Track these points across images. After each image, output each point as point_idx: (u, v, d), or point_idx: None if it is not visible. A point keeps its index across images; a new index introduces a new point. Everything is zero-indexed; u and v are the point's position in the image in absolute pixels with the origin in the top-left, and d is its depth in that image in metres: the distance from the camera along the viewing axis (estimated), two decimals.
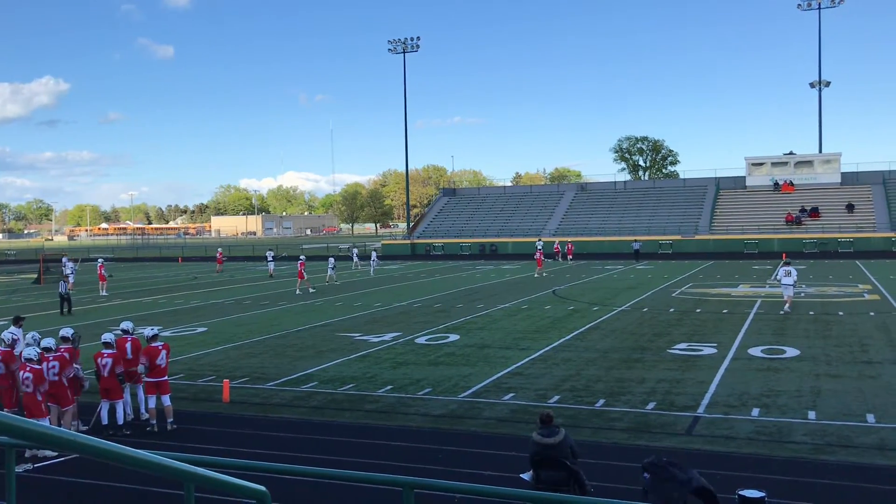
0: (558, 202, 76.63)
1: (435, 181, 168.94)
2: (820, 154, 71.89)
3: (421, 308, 29.00)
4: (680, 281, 38.00)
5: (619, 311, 26.63)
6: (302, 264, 37.70)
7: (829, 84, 77.25)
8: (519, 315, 26.13)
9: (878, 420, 12.29)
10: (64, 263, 48.31)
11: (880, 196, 64.99)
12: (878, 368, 16.15)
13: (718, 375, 15.84)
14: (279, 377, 16.77)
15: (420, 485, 4.21)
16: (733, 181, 72.63)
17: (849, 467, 10.23)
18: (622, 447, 11.34)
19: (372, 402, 14.40)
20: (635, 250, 58.34)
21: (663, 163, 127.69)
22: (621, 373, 16.36)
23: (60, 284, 30.79)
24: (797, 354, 17.85)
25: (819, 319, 23.40)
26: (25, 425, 2.75)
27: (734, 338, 20.33)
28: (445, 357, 18.66)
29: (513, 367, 17.17)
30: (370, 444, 11.78)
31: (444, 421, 13.07)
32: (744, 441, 11.47)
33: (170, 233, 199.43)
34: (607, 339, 20.62)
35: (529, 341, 20.58)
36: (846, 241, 59.01)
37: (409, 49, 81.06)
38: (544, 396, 14.43)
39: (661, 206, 71.40)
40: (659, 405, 13.61)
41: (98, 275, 39.43)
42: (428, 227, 78.08)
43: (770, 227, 63.66)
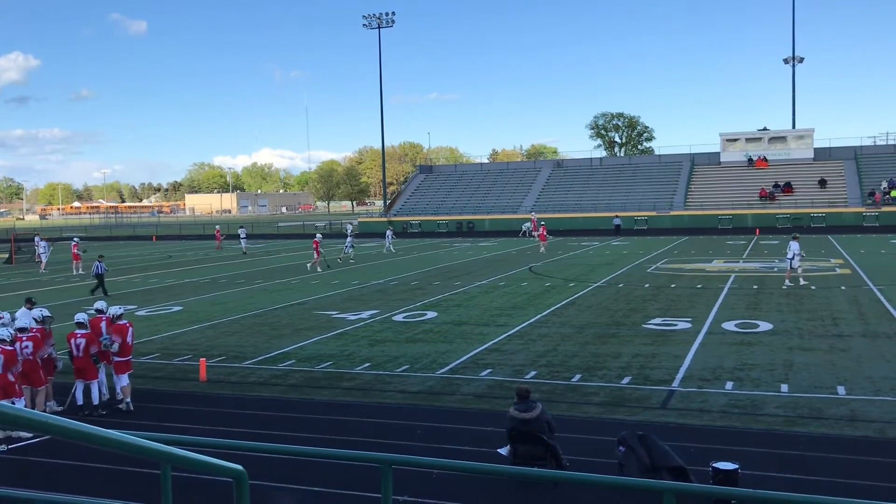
0: (535, 179, 76.71)
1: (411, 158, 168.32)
2: (793, 130, 72.47)
3: (398, 286, 29.00)
4: (655, 257, 38.29)
5: (595, 287, 26.81)
6: (316, 242, 36.96)
7: (802, 60, 77.71)
8: (496, 292, 26.22)
9: (848, 392, 12.52)
10: (37, 243, 47.75)
11: (852, 171, 65.74)
12: (848, 342, 16.43)
13: (693, 350, 16.03)
14: (256, 356, 16.72)
15: (398, 461, 4.22)
16: (708, 157, 73.08)
17: (820, 438, 10.42)
18: (598, 421, 11.46)
19: (350, 380, 14.42)
20: (616, 226, 58.75)
21: (639, 139, 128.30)
22: (597, 348, 16.51)
23: (95, 266, 28.78)
24: (770, 328, 18.10)
25: (792, 294, 23.72)
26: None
27: (708, 312, 20.56)
28: (423, 334, 18.70)
29: (490, 344, 17.25)
30: (348, 422, 11.81)
31: (421, 397, 13.12)
32: (717, 414, 11.64)
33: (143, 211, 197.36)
34: (583, 315, 20.76)
35: (506, 318, 20.68)
36: (818, 216, 59.72)
37: (384, 24, 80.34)
38: (521, 372, 14.53)
39: (637, 183, 71.72)
40: (634, 379, 13.76)
41: (72, 254, 38.90)
42: (405, 204, 77.89)
43: (744, 202, 64.22)
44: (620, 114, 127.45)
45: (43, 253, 40.62)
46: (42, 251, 40.60)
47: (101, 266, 28.61)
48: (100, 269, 28.55)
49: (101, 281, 28.62)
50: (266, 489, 8.95)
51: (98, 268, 28.58)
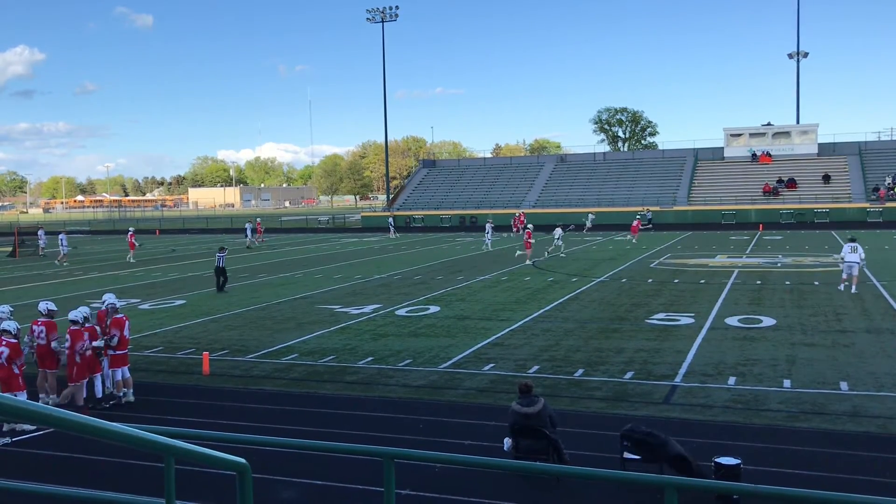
0: (538, 174, 76.62)
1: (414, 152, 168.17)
2: (797, 125, 72.30)
3: (401, 280, 29.01)
4: (658, 252, 38.25)
5: (597, 281, 26.79)
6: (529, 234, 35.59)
7: (807, 55, 77.53)
8: (499, 286, 26.22)
9: (851, 388, 12.51)
10: (40, 236, 47.84)
11: (856, 167, 65.57)
12: (851, 337, 16.41)
13: (696, 345, 16.02)
14: (259, 349, 16.75)
15: (400, 455, 4.23)
16: (711, 152, 72.93)
17: (822, 434, 10.41)
18: (601, 416, 11.47)
19: (352, 374, 14.44)
20: (648, 220, 57.88)
21: (642, 134, 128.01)
22: (600, 343, 16.50)
23: (218, 258, 26.82)
24: (773, 324, 18.08)
25: (795, 289, 23.68)
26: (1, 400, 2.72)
27: (711, 308, 20.54)
28: (426, 328, 18.71)
29: (493, 338, 17.26)
30: (351, 416, 11.83)
31: (424, 392, 13.14)
32: (720, 409, 11.64)
33: (147, 205, 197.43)
34: (586, 310, 20.76)
35: (509, 312, 20.68)
36: (822, 212, 59.60)
37: (388, 18, 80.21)
38: (524, 367, 14.54)
39: (641, 178, 71.59)
40: (637, 374, 13.76)
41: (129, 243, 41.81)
42: (408, 199, 77.87)
43: (747, 197, 64.11)
44: (624, 109, 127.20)
45: (63, 247, 41.39)
46: (62, 245, 41.41)
47: (222, 258, 26.79)
48: (221, 261, 26.72)
49: (222, 274, 26.71)
50: (269, 482, 8.97)
51: (220, 260, 26.73)
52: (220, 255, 26.82)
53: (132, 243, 41.69)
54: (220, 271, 26.61)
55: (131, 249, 41.53)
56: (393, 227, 59.66)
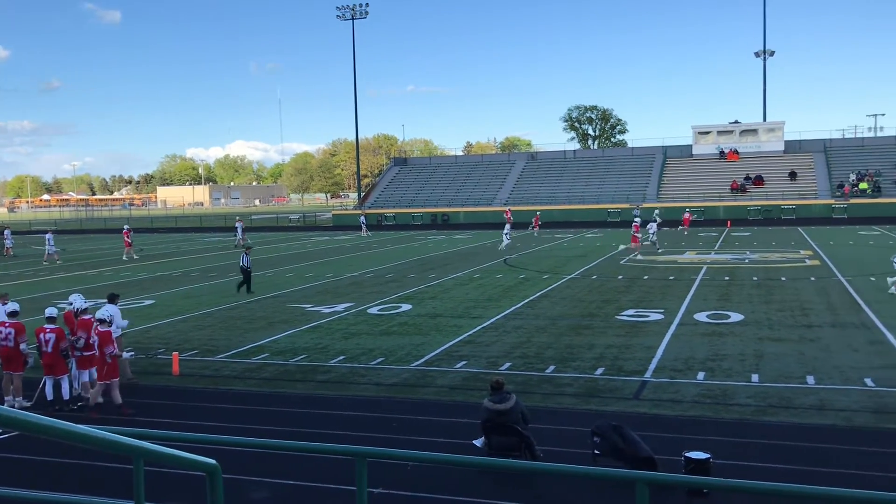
0: (509, 171, 76.84)
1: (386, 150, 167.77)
2: (764, 123, 73.24)
3: (373, 278, 28.95)
4: (628, 249, 38.53)
5: (568, 278, 26.95)
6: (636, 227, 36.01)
7: (773, 54, 78.59)
8: (471, 284, 26.27)
9: (817, 381, 12.71)
10: (6, 236, 47.01)
11: (821, 164, 66.60)
12: (817, 332, 16.67)
13: (665, 341, 16.18)
14: (229, 349, 16.62)
15: (372, 454, 4.22)
16: (680, 150, 73.63)
17: (790, 427, 10.57)
18: (572, 412, 11.54)
19: (324, 373, 14.38)
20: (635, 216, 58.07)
21: (612, 132, 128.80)
22: (571, 339, 16.60)
23: (242, 258, 25.70)
24: (741, 319, 18.31)
25: (762, 285, 24.01)
26: None
27: (680, 304, 20.76)
28: (398, 327, 18.69)
29: (465, 336, 17.29)
30: (323, 415, 11.78)
31: (396, 390, 13.13)
32: (689, 404, 11.77)
33: (114, 204, 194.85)
34: (557, 307, 20.87)
35: (481, 310, 20.72)
36: (789, 208, 60.45)
37: (358, 16, 79.92)
38: (496, 364, 14.58)
39: (611, 175, 72.10)
40: (608, 370, 13.87)
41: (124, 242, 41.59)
42: (379, 196, 77.70)
43: (715, 194, 64.82)
44: (594, 107, 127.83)
45: (50, 246, 40.71)
46: (48, 245, 40.74)
47: (247, 259, 25.66)
48: (246, 262, 25.56)
49: (248, 276, 25.53)
50: (240, 483, 8.91)
51: (245, 260, 25.57)
52: (246, 255, 25.79)
53: (127, 241, 41.31)
54: (244, 272, 25.54)
55: (126, 248, 41.18)
56: (364, 225, 59.60)
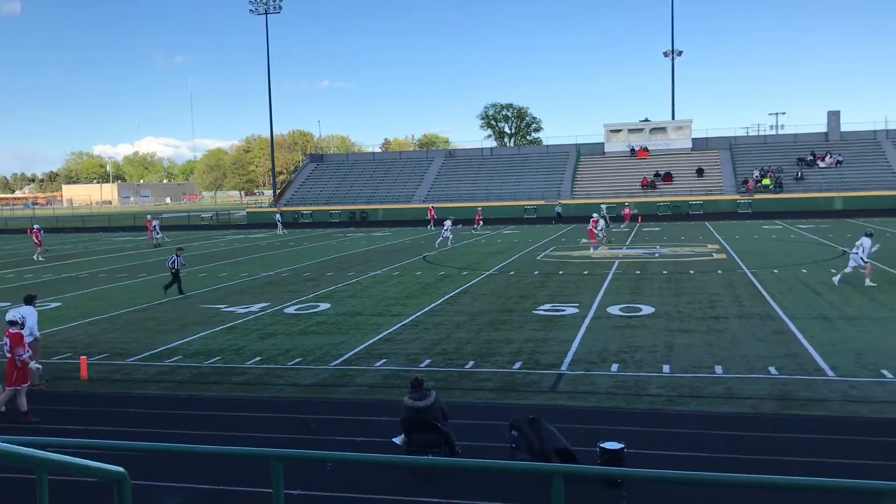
0: (427, 168, 76.99)
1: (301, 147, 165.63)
2: (673, 121, 75.53)
3: (290, 277, 28.56)
4: (544, 244, 39.20)
5: (487, 275, 27.20)
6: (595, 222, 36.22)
7: (681, 53, 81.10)
8: (390, 282, 26.21)
9: (725, 371, 13.19)
10: None
11: (727, 161, 69.15)
12: (724, 323, 17.30)
13: (580, 334, 16.51)
14: (141, 352, 16.11)
15: (288, 456, 4.15)
16: (593, 147, 75.24)
17: (699, 416, 10.94)
18: (491, 406, 11.65)
19: (240, 375, 14.11)
20: (557, 213, 59.89)
21: (528, 130, 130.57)
22: (490, 335, 16.76)
23: (173, 258, 24.58)
24: (652, 312, 18.85)
25: (672, 278, 24.78)
26: None
27: (594, 298, 21.22)
28: (316, 326, 18.49)
29: (384, 334, 17.24)
30: (239, 417, 11.55)
31: (315, 390, 12.98)
32: (604, 396, 12.04)
33: (16, 203, 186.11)
34: (476, 303, 21.04)
35: (401, 307, 20.70)
36: (696, 204, 62.54)
37: (272, 10, 78.66)
38: (416, 361, 14.60)
39: (527, 172, 73.09)
40: (525, 364, 14.06)
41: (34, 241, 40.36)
42: (295, 194, 76.65)
43: (627, 191, 66.50)
44: (510, 105, 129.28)
45: None
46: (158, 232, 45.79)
47: (179, 260, 24.65)
48: (176, 262, 24.56)
49: (177, 277, 24.58)
50: (153, 489, 8.64)
51: (176, 262, 24.59)
52: (177, 257, 24.71)
53: (37, 241, 39.94)
54: (174, 273, 24.56)
55: (38, 248, 39.81)
56: (280, 223, 58.77)
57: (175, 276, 24.45)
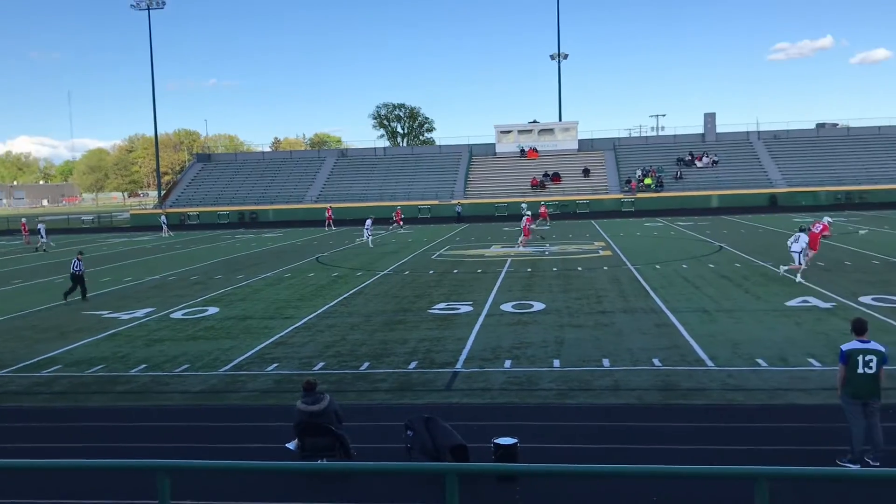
0: (319, 168, 76.10)
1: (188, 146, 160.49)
2: (560, 123, 77.50)
3: (176, 281, 27.64)
4: (438, 244, 39.45)
5: (382, 275, 27.13)
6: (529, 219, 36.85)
7: (567, 56, 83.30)
8: (282, 284, 25.76)
9: (612, 364, 13.64)
10: None
11: (611, 161, 71.51)
12: (611, 317, 17.89)
13: (474, 331, 16.71)
14: (16, 362, 15.23)
15: (175, 467, 4.01)
16: (485, 148, 76.29)
17: (589, 408, 11.27)
18: (386, 407, 11.63)
19: (124, 383, 13.55)
20: (457, 213, 60.19)
21: (420, 130, 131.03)
22: (385, 335, 16.73)
23: (74, 264, 23.35)
24: (543, 308, 19.28)
25: (561, 275, 25.42)
26: None
27: (488, 295, 21.52)
28: (204, 331, 17.98)
29: (276, 337, 16.94)
30: (123, 428, 11.09)
31: (204, 397, 12.62)
32: (498, 392, 12.23)
33: None
34: (371, 304, 20.95)
35: (293, 310, 20.39)
36: (583, 203, 64.39)
37: (154, 6, 75.85)
38: (309, 364, 14.41)
39: (420, 172, 73.37)
40: (420, 364, 14.11)
41: None
42: (181, 195, 74.22)
43: (518, 191, 67.77)
44: (402, 105, 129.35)
45: None
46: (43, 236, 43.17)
47: (79, 264, 23.37)
48: (79, 267, 23.29)
49: (80, 282, 23.41)
50: None
51: (77, 266, 23.28)
52: (78, 260, 23.51)
53: None
54: (77, 279, 23.36)
55: None
56: (166, 225, 56.88)
57: (77, 280, 23.41)
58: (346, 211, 63.50)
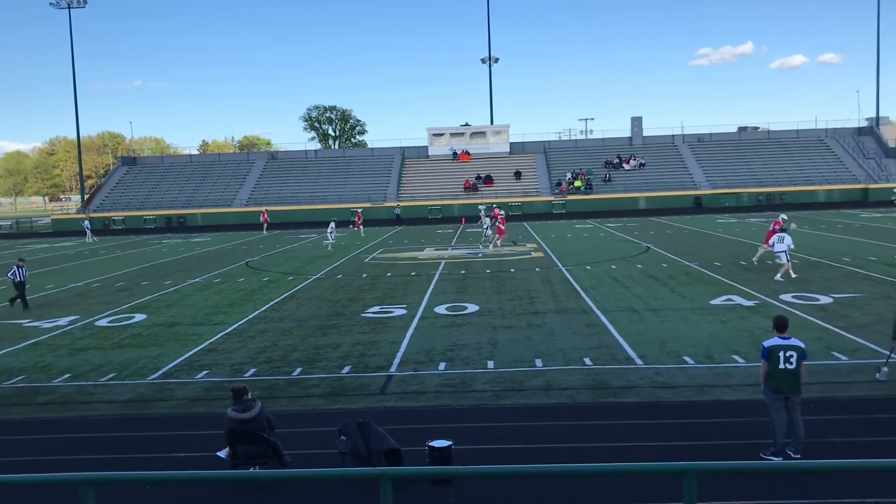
0: (249, 171, 74.92)
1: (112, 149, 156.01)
2: (491, 126, 78.09)
3: (101, 288, 26.83)
4: (372, 247, 39.28)
5: (314, 279, 26.87)
6: None
7: (497, 60, 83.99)
8: (211, 289, 25.27)
9: (544, 364, 13.80)
10: None
11: (542, 164, 72.42)
12: (543, 318, 18.11)
13: (408, 334, 16.70)
14: None
15: (99, 479, 3.90)
16: (417, 151, 76.34)
17: (522, 409, 11.38)
18: (320, 413, 11.52)
19: (46, 394, 13.08)
20: (396, 215, 59.93)
21: (352, 132, 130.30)
22: (317, 340, 16.57)
23: (13, 271, 22.41)
24: (477, 310, 19.39)
25: (494, 277, 25.61)
26: None
27: (422, 298, 21.53)
28: (131, 339, 17.50)
29: (206, 344, 16.60)
30: (46, 440, 10.71)
31: (131, 406, 12.28)
32: (432, 394, 12.24)
33: None
34: (303, 308, 20.72)
35: (223, 315, 20.02)
36: (515, 205, 65.00)
37: (75, 4, 73.52)
38: (240, 371, 14.17)
39: (352, 175, 72.94)
40: (354, 368, 14.02)
41: None
42: (106, 199, 72.08)
43: (451, 193, 68.03)
44: (333, 107, 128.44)
45: None
46: None
47: (22, 272, 22.41)
48: (20, 275, 22.37)
49: (21, 290, 22.54)
50: None
51: (17, 274, 22.35)
52: (18, 268, 22.51)
53: None
54: (18, 285, 22.43)
55: None
56: (89, 230, 55.23)
57: (20, 288, 22.57)
58: (277, 214, 62.69)
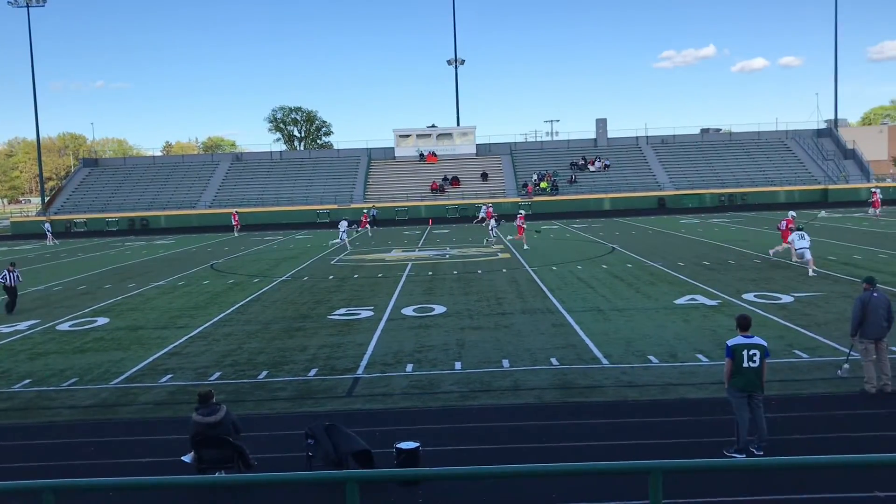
0: (213, 172, 74.16)
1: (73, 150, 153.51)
2: (458, 127, 78.24)
3: (62, 291, 26.37)
4: (338, 249, 39.09)
5: (280, 281, 26.68)
6: None
7: (464, 62, 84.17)
8: (175, 292, 24.97)
9: (511, 364, 13.86)
10: None
11: (508, 165, 72.70)
12: (510, 319, 18.18)
13: (376, 336, 16.66)
14: None
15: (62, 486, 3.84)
16: (384, 152, 76.20)
17: (490, 409, 11.41)
18: (286, 416, 11.45)
19: (6, 400, 12.83)
20: (372, 216, 59.19)
21: (318, 134, 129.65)
22: (284, 342, 16.46)
23: (4, 275, 22.01)
24: (444, 311, 19.41)
25: (462, 278, 25.65)
26: None
27: (389, 300, 21.49)
28: (93, 343, 17.23)
29: (170, 348, 16.40)
30: (6, 447, 10.49)
31: (94, 411, 12.09)
32: (400, 396, 12.23)
33: None
34: (269, 311, 20.57)
35: (188, 318, 19.80)
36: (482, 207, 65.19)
37: (34, 3, 72.20)
38: (205, 374, 14.02)
39: (318, 176, 72.57)
40: (321, 371, 13.95)
41: None
42: (67, 201, 70.87)
43: (418, 194, 68.01)
44: (299, 108, 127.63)
45: None
46: None
47: (14, 275, 21.83)
48: (12, 279, 21.93)
49: (13, 295, 22.07)
50: None
51: (9, 278, 21.91)
52: (9, 272, 22.10)
53: None
54: (10, 290, 22.02)
55: None
56: (50, 233, 54.28)
57: (11, 292, 22.15)
58: (243, 216, 62.13)
